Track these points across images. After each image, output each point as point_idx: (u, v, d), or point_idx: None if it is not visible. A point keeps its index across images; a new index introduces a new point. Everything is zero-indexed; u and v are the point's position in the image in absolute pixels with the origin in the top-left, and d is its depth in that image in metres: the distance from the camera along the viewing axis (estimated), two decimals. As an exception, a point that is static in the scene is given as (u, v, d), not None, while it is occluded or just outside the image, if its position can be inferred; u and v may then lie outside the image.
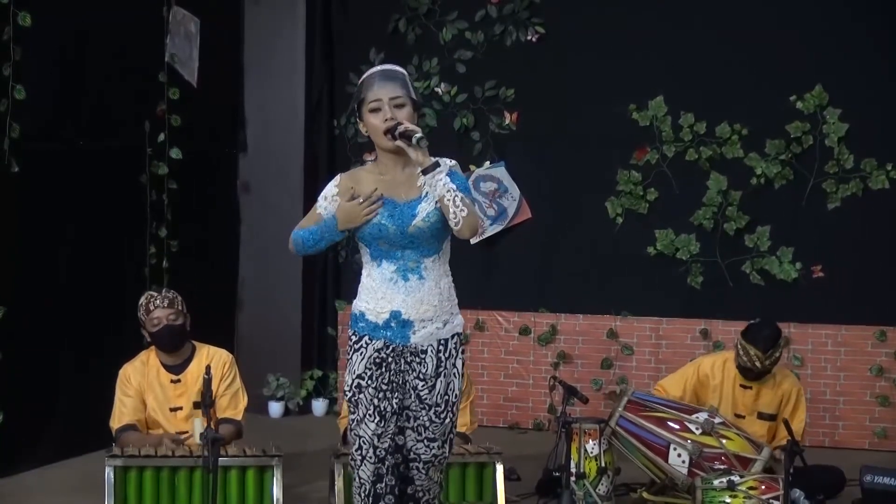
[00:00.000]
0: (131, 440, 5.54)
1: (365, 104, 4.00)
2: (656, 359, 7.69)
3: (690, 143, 7.58)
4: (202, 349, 5.81)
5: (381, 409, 3.99)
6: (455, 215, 3.89)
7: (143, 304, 5.68)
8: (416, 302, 3.97)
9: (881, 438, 7.36)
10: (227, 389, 5.73)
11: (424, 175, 3.92)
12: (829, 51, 7.38)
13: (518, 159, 7.92)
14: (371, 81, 4.01)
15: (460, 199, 3.90)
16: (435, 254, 4.01)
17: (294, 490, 5.87)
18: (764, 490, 5.32)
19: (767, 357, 5.94)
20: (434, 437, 4.04)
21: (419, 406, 4.02)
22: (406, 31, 8.07)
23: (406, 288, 3.97)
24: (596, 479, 5.64)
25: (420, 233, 3.96)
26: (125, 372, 5.72)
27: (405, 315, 3.98)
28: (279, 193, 8.16)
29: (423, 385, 4.01)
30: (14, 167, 6.17)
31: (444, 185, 3.89)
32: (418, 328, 4.00)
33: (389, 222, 3.95)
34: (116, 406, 5.67)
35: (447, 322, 4.04)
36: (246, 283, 8.30)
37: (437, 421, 4.03)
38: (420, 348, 4.01)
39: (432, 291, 3.99)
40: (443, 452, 4.08)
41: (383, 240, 3.96)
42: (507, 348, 7.95)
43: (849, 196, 7.37)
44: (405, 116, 3.96)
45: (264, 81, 8.24)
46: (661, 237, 7.65)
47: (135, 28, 7.10)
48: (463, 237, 3.98)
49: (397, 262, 3.98)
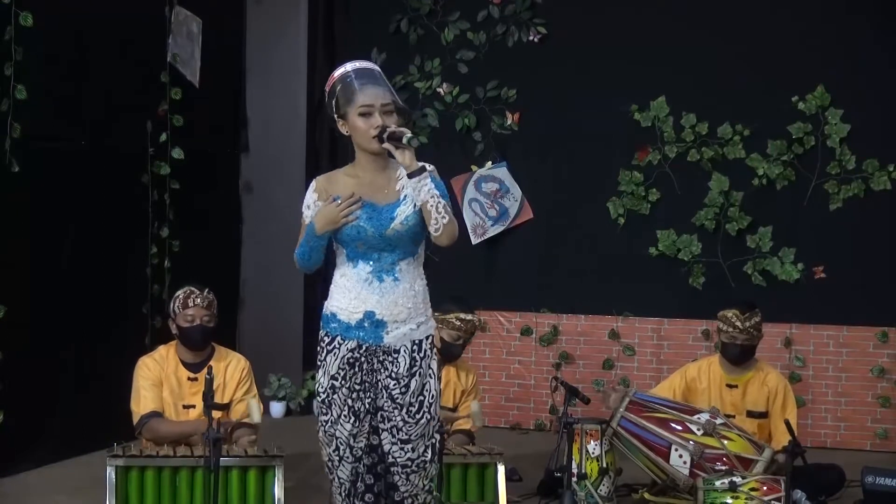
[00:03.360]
0: (162, 428, 5.52)
1: (353, 106, 3.97)
2: (658, 359, 7.69)
3: (692, 143, 7.58)
4: (221, 351, 5.82)
5: (354, 409, 3.99)
6: (437, 221, 3.91)
7: (180, 296, 5.65)
8: (390, 303, 3.98)
9: (882, 439, 7.35)
10: (244, 395, 5.74)
11: (410, 178, 3.92)
12: (830, 51, 7.38)
13: (520, 160, 7.93)
14: (357, 84, 3.98)
15: (443, 206, 3.92)
16: (410, 256, 4.02)
17: (295, 490, 5.87)
18: (766, 491, 5.32)
19: (747, 319, 5.95)
20: (408, 439, 3.99)
21: (392, 406, 3.99)
22: (408, 32, 8.07)
23: (381, 289, 3.97)
24: (597, 480, 5.64)
25: (398, 236, 3.97)
26: (144, 362, 5.70)
27: (379, 315, 3.98)
28: (281, 193, 8.16)
29: (395, 385, 3.99)
30: (15, 167, 6.17)
31: (428, 191, 3.90)
32: (391, 329, 3.99)
33: (368, 225, 3.95)
34: (138, 392, 5.61)
35: (421, 324, 4.04)
36: (247, 283, 8.30)
37: (412, 421, 3.99)
38: (393, 348, 4.01)
39: (407, 293, 4.00)
40: (420, 457, 4.02)
41: (361, 241, 3.97)
42: (509, 349, 7.95)
43: (850, 197, 7.37)
44: (391, 123, 3.96)
45: (266, 81, 8.24)
46: (662, 238, 7.65)
47: (137, 28, 7.11)
48: (440, 244, 3.98)
49: (373, 263, 3.98)
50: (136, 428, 5.61)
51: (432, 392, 4.03)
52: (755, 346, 6.08)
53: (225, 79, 8.07)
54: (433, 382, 4.04)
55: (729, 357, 6.07)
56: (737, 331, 5.97)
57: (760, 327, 6.04)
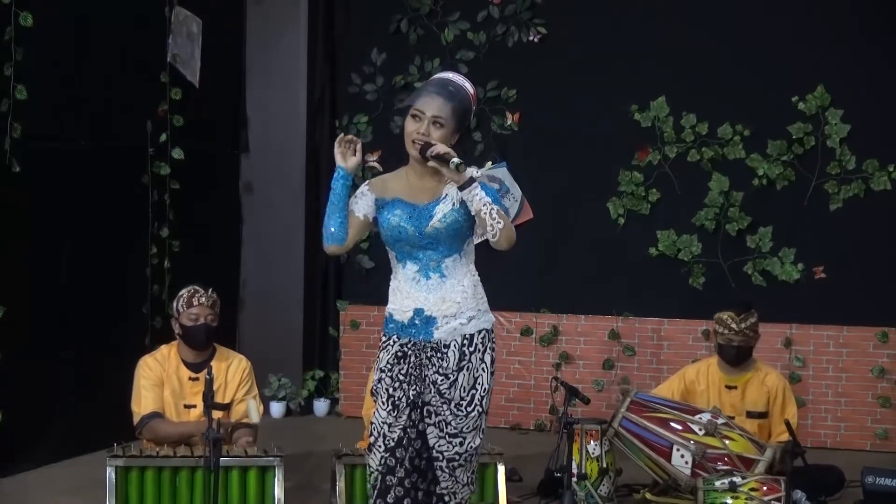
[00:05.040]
0: (162, 428, 5.52)
1: (411, 105, 4.02)
2: (658, 360, 7.68)
3: (692, 143, 7.58)
4: (223, 351, 5.82)
5: (394, 399, 4.04)
6: (492, 227, 4.00)
7: (184, 296, 5.65)
8: (437, 299, 4.05)
9: (882, 440, 7.35)
10: (245, 395, 5.74)
11: (461, 191, 3.99)
12: (830, 52, 7.38)
13: (520, 160, 7.92)
14: (429, 90, 4.01)
15: (496, 211, 4.00)
16: (455, 253, 4.10)
17: (295, 490, 5.87)
18: (766, 491, 5.32)
19: (742, 320, 5.96)
20: (456, 433, 4.04)
21: (440, 401, 4.04)
22: (408, 32, 8.07)
23: (427, 286, 4.06)
24: (597, 480, 5.65)
25: (437, 233, 4.03)
26: (146, 361, 5.70)
27: (427, 312, 4.05)
28: (281, 193, 8.17)
29: (443, 380, 4.04)
30: (15, 167, 6.17)
31: (480, 200, 3.98)
32: (441, 324, 4.06)
33: (408, 224, 4.03)
34: (139, 392, 5.62)
35: (472, 318, 4.12)
36: (248, 283, 8.30)
37: (461, 414, 4.04)
38: (443, 343, 4.07)
39: (455, 289, 4.08)
40: (467, 451, 4.07)
41: (404, 241, 4.04)
42: (509, 349, 7.95)
43: (850, 197, 7.37)
44: (438, 137, 3.98)
45: (266, 81, 8.24)
46: (662, 238, 7.64)
47: (137, 28, 7.11)
48: (500, 248, 4.08)
49: (419, 262, 4.06)
50: (136, 428, 5.61)
51: (485, 386, 4.10)
52: (752, 347, 6.08)
53: (225, 79, 8.08)
54: (486, 377, 4.11)
55: (726, 359, 6.07)
56: (732, 333, 5.97)
57: (756, 328, 6.04)
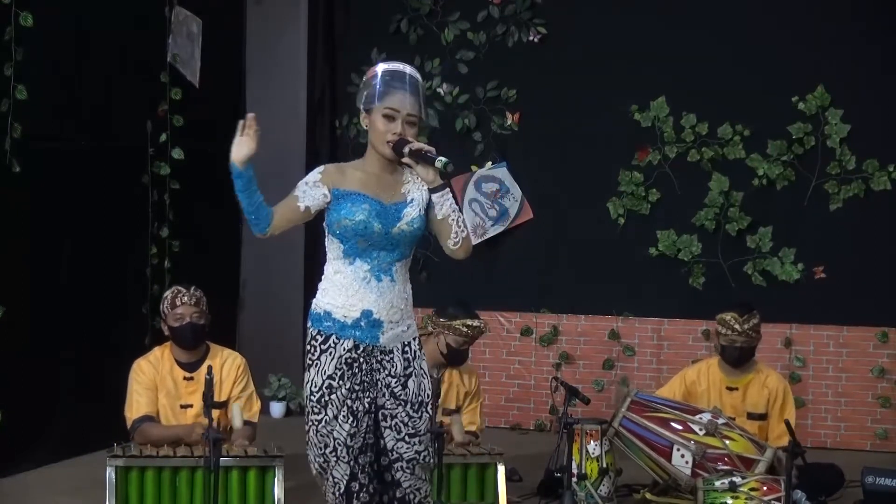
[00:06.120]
0: (153, 432, 5.51)
1: (380, 105, 3.99)
2: (658, 360, 7.69)
3: (692, 143, 7.58)
4: (216, 350, 5.81)
5: (353, 409, 3.98)
6: (456, 235, 4.02)
7: (168, 297, 5.66)
8: (387, 303, 4.00)
9: (882, 440, 7.35)
10: (241, 392, 5.73)
11: (433, 194, 4.00)
12: (830, 52, 7.38)
13: (520, 160, 7.93)
14: (395, 86, 4.01)
15: (462, 220, 4.05)
16: (405, 258, 4.06)
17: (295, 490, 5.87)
18: (766, 491, 5.32)
19: (745, 321, 5.95)
20: (414, 433, 4.04)
21: (395, 403, 4.03)
22: (408, 32, 8.07)
23: (379, 288, 4.00)
24: (597, 480, 5.64)
25: (402, 236, 4.00)
26: (139, 365, 5.69)
27: (376, 315, 3.99)
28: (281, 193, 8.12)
29: (395, 382, 4.03)
30: (16, 167, 6.17)
31: (450, 206, 4.01)
32: (387, 329, 4.02)
33: (376, 221, 3.97)
34: (132, 396, 5.62)
35: (409, 326, 4.10)
36: (247, 283, 8.30)
37: (416, 416, 4.05)
38: (387, 348, 4.04)
39: (400, 295, 4.04)
40: (426, 449, 4.09)
41: (365, 238, 3.98)
42: (509, 349, 7.95)
43: (851, 197, 7.37)
44: (412, 135, 4.01)
45: (266, 81, 8.24)
46: (662, 238, 7.65)
47: (137, 28, 7.10)
48: (456, 257, 4.07)
49: (372, 261, 4.00)
50: (129, 433, 5.61)
51: (427, 391, 4.09)
52: (754, 347, 6.08)
53: (225, 79, 8.07)
54: (426, 382, 4.10)
55: (729, 360, 6.06)
56: (735, 333, 5.96)
57: (759, 329, 6.04)
